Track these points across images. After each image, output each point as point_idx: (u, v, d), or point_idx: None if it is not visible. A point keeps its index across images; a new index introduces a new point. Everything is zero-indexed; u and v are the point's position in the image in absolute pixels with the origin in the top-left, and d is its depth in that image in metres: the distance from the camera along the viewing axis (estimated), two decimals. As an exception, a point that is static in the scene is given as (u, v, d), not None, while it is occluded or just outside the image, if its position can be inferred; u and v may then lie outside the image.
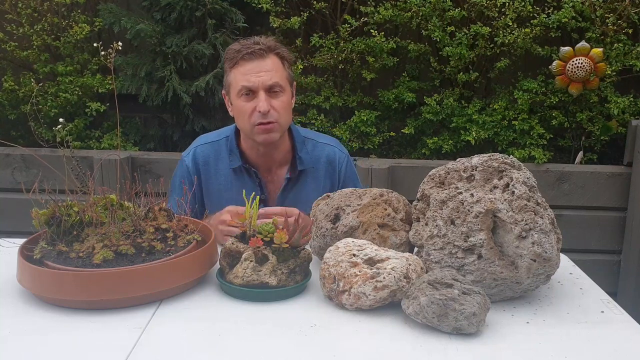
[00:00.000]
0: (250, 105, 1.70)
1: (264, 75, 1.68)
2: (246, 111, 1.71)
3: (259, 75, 1.68)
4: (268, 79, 1.68)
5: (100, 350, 1.06)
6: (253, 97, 1.69)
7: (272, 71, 1.69)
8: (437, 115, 2.97)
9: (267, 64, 1.69)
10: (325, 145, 1.90)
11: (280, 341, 1.10)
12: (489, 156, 1.33)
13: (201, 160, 1.84)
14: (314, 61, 3.01)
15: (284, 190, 1.83)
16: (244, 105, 1.71)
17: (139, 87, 3.02)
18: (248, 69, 1.68)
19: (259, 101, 1.68)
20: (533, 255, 1.20)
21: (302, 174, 1.84)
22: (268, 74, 1.69)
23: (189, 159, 1.84)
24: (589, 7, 2.82)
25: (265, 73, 1.68)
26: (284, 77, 1.73)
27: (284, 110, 1.73)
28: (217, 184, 1.83)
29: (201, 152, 1.85)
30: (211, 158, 1.84)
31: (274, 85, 1.69)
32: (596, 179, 2.83)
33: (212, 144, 1.86)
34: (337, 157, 1.89)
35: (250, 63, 1.68)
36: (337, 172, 1.88)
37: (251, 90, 1.69)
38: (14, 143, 2.76)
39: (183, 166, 1.85)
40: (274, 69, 1.70)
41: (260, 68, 1.68)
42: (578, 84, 2.80)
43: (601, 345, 1.11)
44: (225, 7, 2.98)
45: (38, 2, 3.09)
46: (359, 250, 1.27)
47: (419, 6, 2.87)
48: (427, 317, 1.12)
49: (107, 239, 1.27)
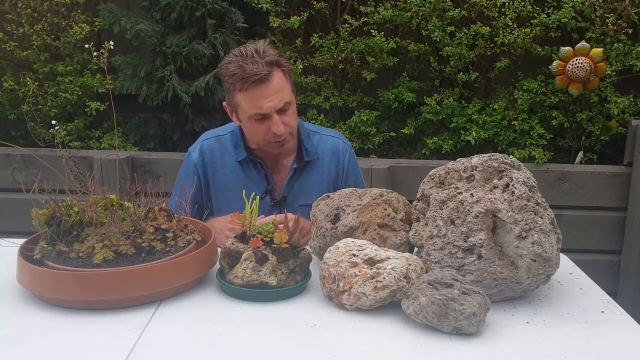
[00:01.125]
0: (263, 127, 1.71)
1: (274, 99, 1.67)
2: (260, 132, 1.73)
3: (270, 101, 1.67)
4: (278, 102, 1.68)
5: (100, 350, 1.06)
6: (265, 119, 1.70)
7: (279, 92, 1.69)
8: (437, 115, 2.97)
9: (274, 85, 1.67)
10: (329, 137, 1.94)
11: (280, 341, 1.10)
12: (489, 156, 1.33)
13: (208, 154, 1.87)
14: (313, 61, 3.01)
15: (290, 181, 1.86)
16: (257, 127, 1.72)
17: (138, 87, 3.02)
18: (257, 94, 1.66)
19: (272, 124, 1.69)
20: (533, 255, 1.20)
21: (308, 165, 1.88)
22: (277, 96, 1.68)
23: (195, 153, 1.88)
24: (589, 7, 2.82)
25: (274, 97, 1.67)
26: (289, 91, 1.73)
27: (294, 121, 1.77)
28: (223, 176, 1.86)
29: (207, 145, 1.88)
30: (217, 151, 1.88)
31: (284, 105, 1.70)
32: (596, 179, 2.83)
33: (218, 138, 1.90)
34: (340, 148, 1.93)
35: (257, 89, 1.66)
36: (340, 162, 1.92)
37: (263, 115, 1.69)
38: (14, 143, 2.77)
39: (190, 160, 1.89)
40: (281, 89, 1.69)
41: (269, 92, 1.67)
42: (578, 84, 2.80)
43: (601, 345, 1.11)
44: (225, 7, 2.98)
45: (38, 2, 3.09)
46: (359, 250, 1.27)
47: (419, 6, 2.87)
48: (427, 317, 1.12)
49: (107, 239, 1.27)
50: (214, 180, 1.87)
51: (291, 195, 1.85)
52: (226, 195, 1.84)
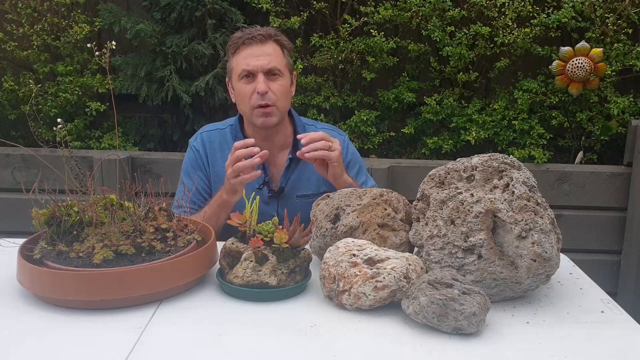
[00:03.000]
0: (249, 88, 1.77)
1: (263, 59, 1.76)
2: (246, 94, 1.78)
3: (258, 59, 1.76)
4: (267, 62, 1.76)
5: (100, 350, 1.06)
6: (252, 80, 1.77)
7: (271, 55, 1.78)
8: (437, 115, 2.97)
9: (267, 48, 1.78)
10: (324, 129, 1.96)
11: (280, 341, 1.10)
12: (489, 156, 1.33)
13: (207, 144, 1.92)
14: (313, 61, 3.01)
15: (286, 172, 1.89)
16: (244, 88, 1.78)
17: (138, 87, 3.02)
18: (248, 53, 1.77)
19: (257, 83, 1.76)
20: (533, 255, 1.20)
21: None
22: (267, 57, 1.77)
23: (197, 143, 1.93)
24: (589, 7, 2.82)
25: (264, 57, 1.77)
26: (282, 63, 1.81)
27: (281, 94, 1.80)
28: (222, 167, 1.88)
29: (207, 137, 1.93)
30: (216, 143, 1.92)
31: (272, 69, 1.77)
32: (596, 179, 2.83)
33: (218, 131, 1.94)
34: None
35: (250, 48, 1.77)
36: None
37: (251, 72, 1.77)
38: (14, 143, 2.76)
39: (191, 150, 1.93)
40: (273, 54, 1.78)
41: (260, 52, 1.77)
42: (578, 84, 2.80)
43: (601, 345, 1.11)
44: (225, 7, 2.98)
45: (38, 2, 3.08)
46: (359, 250, 1.27)
47: (419, 6, 2.87)
48: (427, 317, 1.12)
49: (107, 239, 1.27)
50: (213, 171, 1.90)
51: (288, 186, 1.87)
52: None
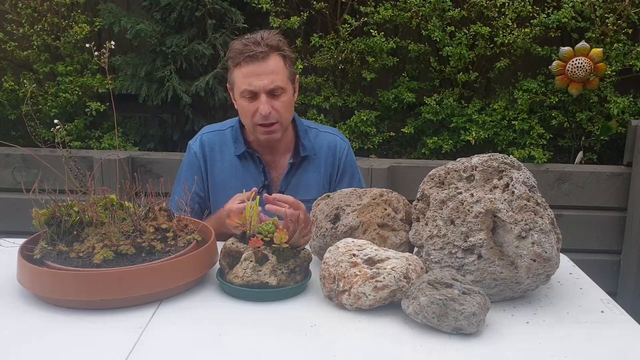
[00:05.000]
0: (252, 106, 1.74)
1: (265, 78, 1.71)
2: (248, 111, 1.76)
3: (260, 79, 1.71)
4: (269, 82, 1.71)
5: (100, 350, 1.06)
6: (255, 99, 1.74)
7: (273, 74, 1.72)
8: (437, 115, 2.97)
9: (269, 66, 1.71)
10: (327, 133, 1.95)
11: (280, 341, 1.10)
12: (488, 156, 1.33)
13: (207, 147, 1.89)
14: (313, 61, 3.01)
15: (287, 176, 1.88)
16: (247, 106, 1.76)
17: (138, 87, 3.02)
18: (250, 70, 1.71)
19: (260, 103, 1.72)
20: (533, 255, 1.21)
21: (304, 160, 1.89)
22: (269, 77, 1.71)
23: (196, 145, 1.90)
24: (589, 7, 2.82)
25: (266, 76, 1.71)
26: (285, 77, 1.76)
27: (284, 110, 1.77)
28: (222, 170, 1.88)
29: (207, 139, 1.91)
30: (216, 145, 1.90)
31: (274, 88, 1.73)
32: (596, 179, 2.83)
33: (218, 132, 1.92)
34: (338, 145, 1.93)
35: (251, 65, 1.71)
36: (337, 160, 1.93)
37: (253, 92, 1.73)
38: (14, 143, 2.76)
39: (191, 152, 1.91)
40: (275, 71, 1.73)
41: (262, 70, 1.71)
42: (578, 84, 2.80)
43: (601, 345, 1.11)
44: (225, 7, 2.98)
45: (38, 2, 3.09)
46: (359, 250, 1.27)
47: (419, 6, 2.87)
48: (427, 317, 1.12)
49: (107, 239, 1.27)
50: (213, 174, 1.89)
51: (288, 191, 1.86)
52: (224, 189, 1.84)
